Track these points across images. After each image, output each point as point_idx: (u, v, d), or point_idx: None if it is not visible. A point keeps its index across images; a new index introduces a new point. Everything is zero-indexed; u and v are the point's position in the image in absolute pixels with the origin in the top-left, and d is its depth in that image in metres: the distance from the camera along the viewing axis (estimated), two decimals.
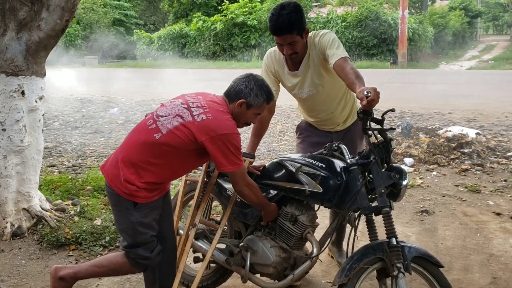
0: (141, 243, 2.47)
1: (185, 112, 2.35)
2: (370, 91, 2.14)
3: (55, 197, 4.70)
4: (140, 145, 2.38)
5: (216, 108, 2.38)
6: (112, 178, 2.42)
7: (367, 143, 2.32)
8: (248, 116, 2.50)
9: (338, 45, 2.68)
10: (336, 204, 2.42)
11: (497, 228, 4.03)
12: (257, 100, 2.45)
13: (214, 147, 2.29)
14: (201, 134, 2.28)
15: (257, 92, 2.45)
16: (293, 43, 2.66)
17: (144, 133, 2.39)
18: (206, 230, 2.94)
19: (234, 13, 24.35)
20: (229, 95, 2.48)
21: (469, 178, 5.37)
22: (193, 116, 2.32)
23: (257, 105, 2.47)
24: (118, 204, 2.45)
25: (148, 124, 2.41)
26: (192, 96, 2.48)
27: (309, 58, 2.80)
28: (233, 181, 2.44)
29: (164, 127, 2.34)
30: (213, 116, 2.32)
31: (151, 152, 2.35)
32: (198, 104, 2.38)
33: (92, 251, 3.70)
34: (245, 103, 2.44)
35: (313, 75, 2.83)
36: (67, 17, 3.88)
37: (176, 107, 2.39)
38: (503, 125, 7.99)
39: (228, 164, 2.33)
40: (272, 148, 7.05)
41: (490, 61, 22.45)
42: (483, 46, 33.59)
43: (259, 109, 2.50)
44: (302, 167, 2.48)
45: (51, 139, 7.84)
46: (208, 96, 2.49)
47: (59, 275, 2.59)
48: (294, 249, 2.56)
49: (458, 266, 3.37)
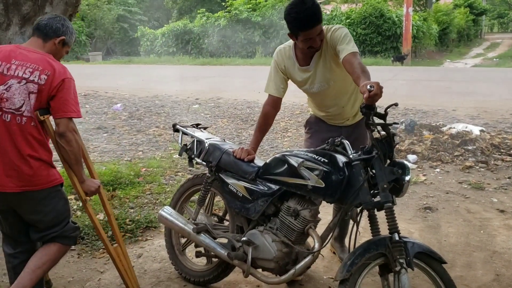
0: (68, 217, 2.63)
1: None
2: (373, 85, 2.13)
3: None
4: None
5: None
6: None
7: (370, 138, 2.31)
8: (61, 54, 2.63)
9: (349, 40, 2.67)
10: (338, 199, 2.41)
11: (500, 225, 4.01)
12: (71, 37, 2.63)
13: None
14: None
15: (71, 30, 2.61)
16: (321, 33, 2.67)
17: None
18: (208, 225, 2.94)
19: (238, 10, 24.31)
20: (46, 34, 2.55)
21: (473, 175, 5.35)
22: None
23: (71, 43, 2.66)
24: (49, 195, 2.52)
25: None
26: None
27: (321, 53, 2.79)
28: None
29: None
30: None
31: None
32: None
33: (94, 246, 3.70)
34: (63, 41, 2.58)
35: (325, 70, 2.82)
36: (71, 12, 3.88)
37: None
38: (508, 123, 7.96)
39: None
40: (275, 144, 7.05)
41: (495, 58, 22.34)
42: (488, 43, 33.43)
43: (69, 47, 2.67)
44: (305, 162, 2.48)
45: None
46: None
47: None
48: (296, 244, 2.56)
49: (461, 262, 3.36)
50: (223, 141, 3.13)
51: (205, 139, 3.04)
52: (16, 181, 2.41)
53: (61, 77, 2.45)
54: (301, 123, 8.47)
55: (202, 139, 3.05)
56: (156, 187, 4.96)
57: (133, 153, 6.62)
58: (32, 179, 2.43)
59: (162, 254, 3.52)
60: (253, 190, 2.71)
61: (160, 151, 6.68)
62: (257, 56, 23.49)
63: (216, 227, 3.03)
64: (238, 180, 2.80)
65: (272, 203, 2.66)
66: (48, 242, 2.59)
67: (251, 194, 2.71)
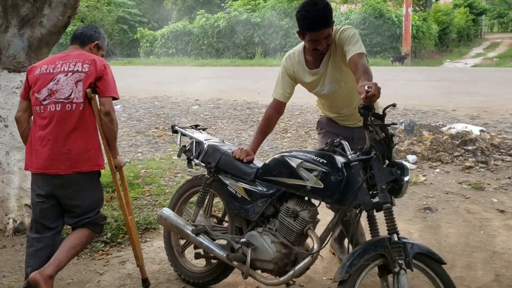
0: (100, 206, 2.96)
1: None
2: (371, 86, 2.13)
3: None
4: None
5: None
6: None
7: (368, 138, 2.31)
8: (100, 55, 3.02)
9: (357, 41, 2.66)
10: (337, 200, 2.40)
11: (500, 225, 4.00)
12: (104, 41, 3.07)
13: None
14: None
15: (103, 35, 3.06)
16: (328, 37, 2.67)
17: None
18: (207, 226, 2.94)
19: (238, 11, 24.31)
20: (82, 41, 2.98)
21: (473, 176, 5.35)
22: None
23: (104, 47, 3.07)
24: (92, 181, 2.85)
25: None
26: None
27: (331, 55, 2.78)
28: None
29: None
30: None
31: None
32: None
33: (93, 247, 3.70)
34: (97, 45, 3.00)
35: (334, 71, 2.81)
36: (69, 14, 3.88)
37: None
38: (508, 123, 7.95)
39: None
40: (274, 145, 7.04)
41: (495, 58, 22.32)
42: (488, 43, 33.41)
43: (104, 50, 3.08)
44: (304, 163, 2.47)
45: None
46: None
47: (47, 275, 2.65)
48: (295, 245, 2.55)
49: (461, 263, 3.36)
50: (222, 142, 3.12)
51: (204, 140, 3.03)
52: (66, 164, 2.72)
53: (102, 63, 2.83)
54: (301, 123, 8.47)
55: (201, 140, 3.05)
56: (155, 189, 4.96)
57: (132, 154, 6.61)
58: (81, 161, 2.75)
59: (161, 256, 3.51)
60: (252, 191, 2.70)
61: (159, 152, 6.68)
62: (256, 57, 23.48)
63: (215, 228, 3.03)
64: (237, 181, 2.80)
65: (271, 204, 2.65)
66: (80, 228, 2.86)
67: (250, 195, 2.71)
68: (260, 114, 9.43)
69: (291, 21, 23.19)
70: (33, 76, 2.82)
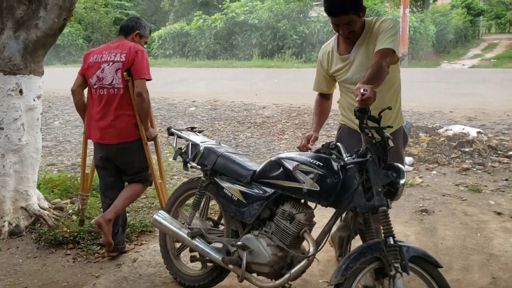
0: (148, 166, 3.63)
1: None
2: (366, 89, 2.13)
3: (53, 195, 4.69)
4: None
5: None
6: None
7: (364, 141, 2.30)
8: (141, 43, 3.56)
9: (391, 35, 2.61)
10: (333, 203, 2.40)
11: (497, 227, 4.00)
12: (145, 30, 3.59)
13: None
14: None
15: (144, 25, 3.58)
16: (349, 23, 2.64)
17: None
18: (203, 229, 2.93)
19: (235, 12, 24.27)
20: (126, 32, 3.55)
21: (470, 178, 5.35)
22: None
23: (146, 35, 3.63)
24: (138, 148, 3.51)
25: None
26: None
27: (363, 41, 2.73)
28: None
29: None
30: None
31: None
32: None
33: (89, 250, 3.69)
34: (139, 34, 3.56)
35: (365, 59, 2.72)
36: (65, 16, 3.87)
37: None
38: (505, 124, 7.95)
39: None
40: (271, 147, 7.04)
41: (493, 59, 22.31)
42: (486, 44, 33.45)
43: (146, 38, 3.64)
44: (300, 165, 2.47)
45: (51, 138, 7.84)
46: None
47: (108, 219, 3.39)
48: (291, 248, 2.54)
49: (457, 266, 3.35)
50: (219, 144, 3.12)
51: (200, 143, 3.03)
52: (114, 135, 3.42)
53: (135, 50, 3.37)
54: (298, 125, 8.46)
55: (197, 142, 3.04)
56: (151, 191, 4.93)
57: None
58: (125, 133, 3.43)
59: (157, 259, 3.50)
60: (248, 194, 2.70)
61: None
62: (254, 58, 23.46)
63: (211, 231, 3.02)
64: (233, 183, 2.79)
65: (267, 207, 2.65)
66: (133, 183, 3.59)
67: (246, 198, 2.70)
68: (257, 116, 9.43)
69: (288, 22, 23.19)
70: (87, 63, 3.50)
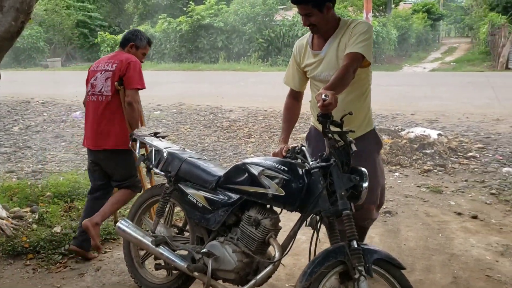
0: (136, 173, 3.62)
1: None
2: (327, 94, 2.14)
3: (12, 204, 4.54)
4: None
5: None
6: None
7: (327, 146, 2.32)
8: (138, 55, 3.70)
9: (363, 40, 2.60)
10: (299, 207, 2.40)
11: (458, 228, 4.10)
12: (141, 42, 3.71)
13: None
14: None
15: (139, 37, 3.71)
16: (308, 15, 2.65)
17: None
18: (168, 236, 2.88)
19: (200, 15, 24.17)
20: (123, 44, 3.71)
21: (431, 179, 5.47)
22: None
23: (143, 46, 3.73)
24: (125, 156, 3.52)
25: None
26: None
27: (336, 41, 2.72)
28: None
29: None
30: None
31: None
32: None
33: (50, 260, 3.58)
34: (134, 45, 3.68)
35: (334, 58, 2.71)
36: (23, 19, 3.75)
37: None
38: (464, 126, 8.19)
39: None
40: (238, 151, 7.02)
41: (452, 62, 22.95)
42: (446, 48, 34.42)
43: (144, 49, 3.75)
44: (265, 171, 2.46)
45: (10, 144, 7.60)
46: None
47: (95, 222, 3.39)
48: (257, 253, 2.53)
49: (420, 266, 3.41)
50: (183, 150, 3.08)
51: (164, 148, 2.98)
52: (100, 142, 3.48)
53: (128, 61, 3.50)
54: (265, 128, 8.48)
55: (161, 148, 3.00)
56: None
57: None
58: (109, 140, 3.46)
59: (121, 267, 3.43)
60: (213, 200, 2.67)
61: None
62: (220, 61, 23.42)
63: (176, 238, 2.98)
64: (198, 190, 2.76)
65: (233, 212, 2.63)
66: (122, 188, 3.57)
67: (211, 204, 2.68)
68: (224, 119, 9.40)
69: (254, 26, 23.26)
70: (88, 72, 3.66)
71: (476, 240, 3.84)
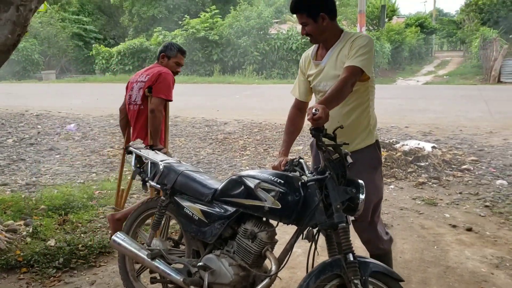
0: None
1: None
2: (318, 109, 2.14)
3: (6, 217, 4.51)
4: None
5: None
6: None
7: (322, 158, 2.32)
8: (170, 65, 3.93)
9: (362, 54, 2.60)
10: (295, 220, 2.40)
11: (453, 240, 4.11)
12: (171, 52, 3.92)
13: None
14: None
15: (169, 47, 3.93)
16: (304, 24, 2.70)
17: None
18: (163, 250, 2.87)
19: (195, 28, 24.30)
20: (157, 56, 3.99)
21: (426, 191, 5.49)
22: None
23: (174, 55, 3.92)
24: None
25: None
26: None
27: (335, 52, 2.74)
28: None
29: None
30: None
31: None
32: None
33: (44, 274, 3.55)
34: (165, 56, 3.93)
35: (333, 69, 2.72)
36: (19, 32, 3.76)
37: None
38: (458, 139, 8.24)
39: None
40: (233, 163, 7.02)
41: (445, 76, 23.14)
42: (439, 61, 34.74)
43: (176, 58, 3.93)
44: (261, 183, 2.46)
45: (4, 157, 7.56)
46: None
47: (116, 218, 3.67)
48: (253, 267, 2.52)
49: (416, 279, 3.41)
50: (179, 162, 3.07)
51: (160, 161, 2.98)
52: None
53: (159, 72, 3.78)
54: (260, 141, 8.49)
55: (157, 161, 2.99)
56: (110, 210, 4.81)
57: (86, 175, 6.44)
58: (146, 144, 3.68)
59: (116, 281, 3.41)
60: (210, 213, 2.67)
61: (114, 172, 6.53)
62: (215, 74, 23.51)
63: (172, 251, 2.96)
64: (194, 202, 2.75)
65: (229, 225, 2.62)
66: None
67: (207, 217, 2.67)
68: (219, 132, 9.41)
69: (249, 39, 23.39)
70: (128, 82, 4.00)
71: (471, 252, 3.85)
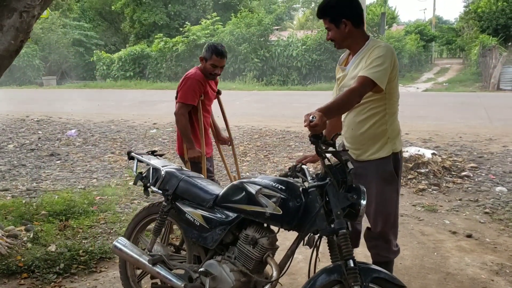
0: None
1: None
2: (315, 116, 2.15)
3: (7, 222, 4.51)
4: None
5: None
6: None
7: (323, 165, 2.34)
8: (207, 67, 3.91)
9: (377, 64, 2.59)
10: (296, 226, 2.41)
11: (453, 246, 4.12)
12: (207, 54, 3.88)
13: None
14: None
15: (206, 49, 3.90)
16: (328, 29, 2.77)
17: None
18: (165, 255, 2.88)
19: (196, 35, 24.38)
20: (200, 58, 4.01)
21: (426, 198, 5.50)
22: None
23: (209, 57, 3.87)
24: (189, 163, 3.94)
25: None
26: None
27: (357, 59, 2.76)
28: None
29: None
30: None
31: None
32: None
33: (45, 279, 3.55)
34: (203, 58, 3.92)
35: (354, 74, 2.72)
36: (22, 38, 3.78)
37: None
38: (458, 146, 8.26)
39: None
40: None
41: (445, 83, 23.17)
42: (438, 68, 34.78)
43: (211, 60, 3.87)
44: (262, 189, 2.48)
45: (5, 162, 7.57)
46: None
47: None
48: (254, 273, 2.53)
49: (416, 285, 3.42)
50: (180, 168, 3.09)
51: (161, 167, 2.99)
52: (177, 148, 4.18)
53: (185, 77, 3.91)
54: (260, 147, 8.51)
55: (158, 166, 3.01)
56: (110, 216, 4.83)
57: (87, 180, 6.45)
58: (180, 147, 4.05)
59: (117, 286, 3.41)
60: (211, 219, 2.68)
61: (115, 178, 6.54)
62: None
63: (173, 257, 2.97)
64: (195, 208, 2.77)
65: (230, 231, 2.63)
66: None
67: (208, 223, 2.68)
68: None
69: (249, 46, 23.46)
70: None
71: (471, 259, 3.86)
